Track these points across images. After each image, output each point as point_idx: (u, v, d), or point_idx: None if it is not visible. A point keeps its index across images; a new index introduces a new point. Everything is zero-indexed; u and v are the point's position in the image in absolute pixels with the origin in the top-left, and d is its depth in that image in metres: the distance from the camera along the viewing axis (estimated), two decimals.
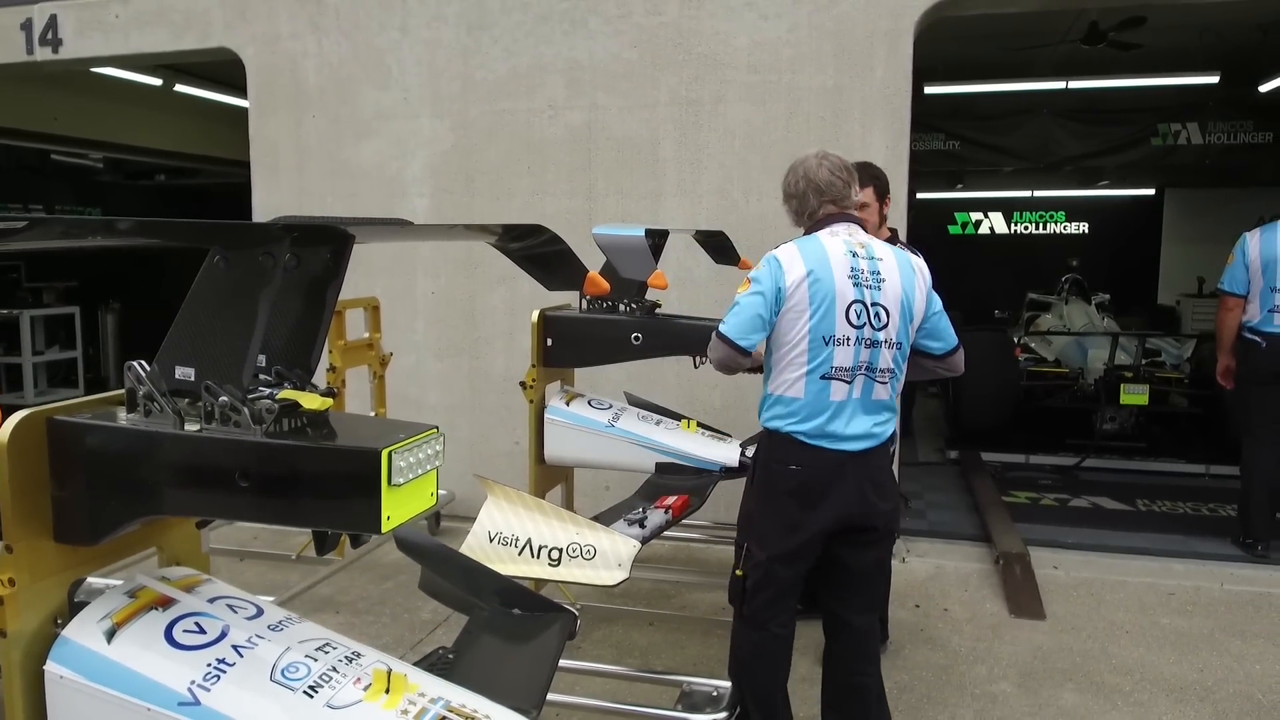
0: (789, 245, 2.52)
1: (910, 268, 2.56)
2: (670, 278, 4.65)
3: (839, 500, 2.50)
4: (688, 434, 3.42)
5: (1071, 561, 4.53)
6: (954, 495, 5.78)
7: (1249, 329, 4.56)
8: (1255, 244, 4.52)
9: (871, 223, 3.19)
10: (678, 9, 4.55)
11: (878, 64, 4.31)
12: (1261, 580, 4.31)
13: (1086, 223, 12.32)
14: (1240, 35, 7.86)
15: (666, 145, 4.65)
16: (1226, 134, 9.00)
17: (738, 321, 2.46)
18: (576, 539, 2.62)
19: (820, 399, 2.46)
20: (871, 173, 3.23)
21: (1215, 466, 6.13)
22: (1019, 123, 9.48)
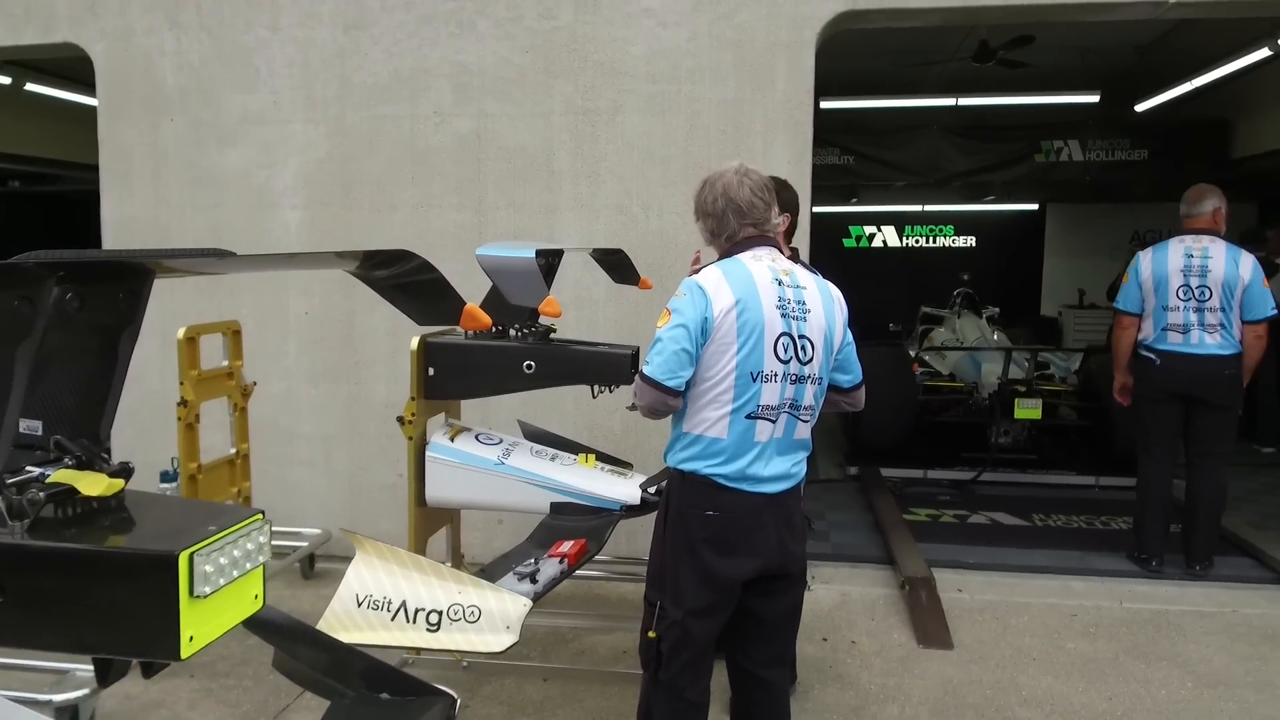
0: (712, 270, 2.30)
1: (830, 297, 2.38)
2: (566, 297, 4.43)
3: (758, 547, 2.29)
4: (586, 470, 3.17)
5: (975, 583, 4.48)
6: (856, 514, 5.70)
7: (1144, 347, 4.60)
8: (1148, 264, 4.57)
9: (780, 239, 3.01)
10: (572, 13, 4.31)
11: (779, 77, 4.17)
12: (1158, 597, 4.34)
13: (975, 236, 12.66)
14: (1119, 56, 8.15)
15: (562, 156, 4.39)
16: (1105, 151, 9.33)
17: (662, 360, 2.21)
18: (459, 599, 2.33)
19: (745, 439, 2.25)
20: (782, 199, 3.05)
21: (1104, 478, 6.25)
22: (910, 138, 9.62)
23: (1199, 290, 4.43)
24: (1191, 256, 4.47)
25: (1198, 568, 4.56)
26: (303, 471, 4.68)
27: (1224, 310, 4.41)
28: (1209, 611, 4.17)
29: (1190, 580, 4.52)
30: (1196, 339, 4.45)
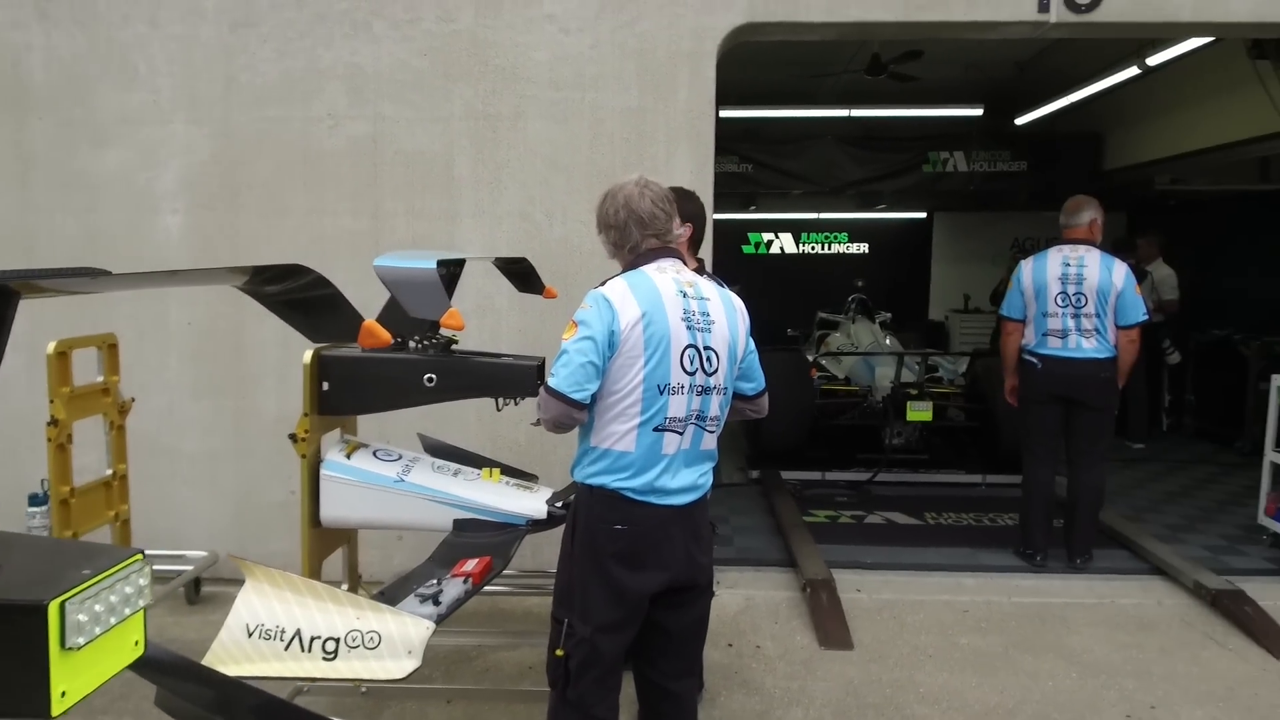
0: (617, 282, 2.28)
1: (733, 307, 2.40)
2: (468, 306, 4.35)
3: (666, 560, 2.29)
4: (490, 484, 3.10)
5: (873, 583, 4.60)
6: (758, 517, 5.78)
7: (1027, 351, 4.82)
8: (1029, 272, 4.79)
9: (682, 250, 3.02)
10: (473, 17, 4.23)
11: (681, 86, 4.20)
12: (1043, 590, 4.54)
13: (867, 244, 13.05)
14: (1001, 72, 8.55)
15: (462, 162, 4.31)
16: (988, 162, 9.76)
17: (568, 373, 2.18)
18: (357, 625, 2.24)
19: (653, 452, 2.24)
20: (687, 209, 3.05)
21: (991, 476, 6.51)
22: (806, 148, 9.85)
23: (1076, 297, 4.67)
24: (1069, 265, 4.70)
25: (1079, 561, 4.80)
26: (187, 491, 4.44)
27: (1099, 316, 4.65)
28: (1090, 603, 4.39)
29: (1072, 573, 4.75)
30: (1074, 344, 4.69)
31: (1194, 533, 5.50)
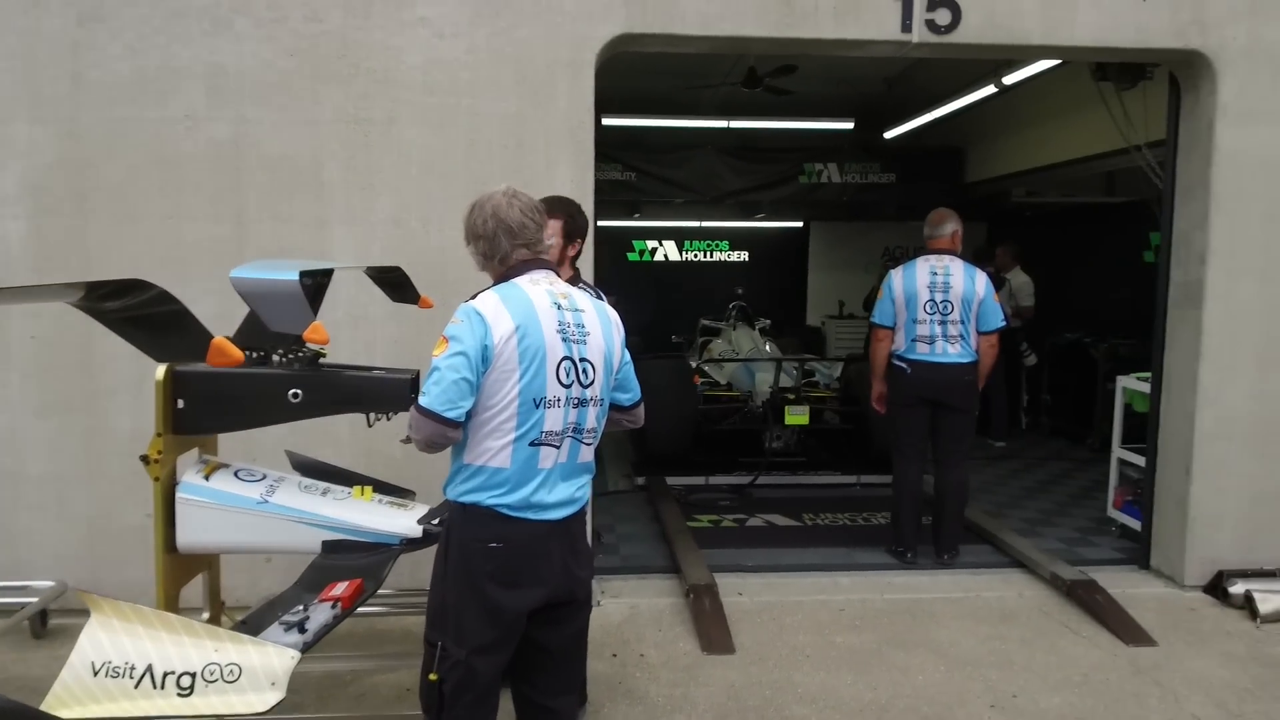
0: (489, 295, 2.23)
1: (608, 319, 2.39)
2: (340, 316, 4.20)
3: (544, 576, 2.25)
4: (361, 503, 2.99)
5: (754, 586, 4.68)
6: (644, 524, 5.80)
7: (897, 357, 5.01)
8: (899, 281, 4.99)
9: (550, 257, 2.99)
10: (342, 17, 4.09)
11: (561, 94, 4.17)
12: (913, 587, 4.72)
13: (748, 252, 13.33)
14: (871, 88, 8.88)
15: (332, 167, 4.15)
16: (859, 174, 10.14)
17: (440, 390, 2.11)
18: (215, 658, 2.12)
19: (529, 467, 2.20)
20: (568, 210, 3.03)
21: (865, 476, 6.74)
22: (688, 157, 10.00)
23: (943, 305, 4.89)
24: (936, 274, 4.93)
25: (946, 557, 5.02)
26: (31, 517, 4.12)
27: (963, 323, 4.89)
28: (957, 597, 4.59)
29: (940, 569, 4.96)
30: (941, 349, 4.91)
31: (1051, 526, 5.84)
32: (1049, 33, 4.26)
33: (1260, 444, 4.59)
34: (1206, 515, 4.63)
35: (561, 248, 3.04)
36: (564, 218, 3.04)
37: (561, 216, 3.02)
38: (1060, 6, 4.24)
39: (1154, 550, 4.92)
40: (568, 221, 3.05)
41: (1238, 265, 4.46)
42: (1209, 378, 4.53)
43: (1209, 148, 4.43)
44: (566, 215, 3.05)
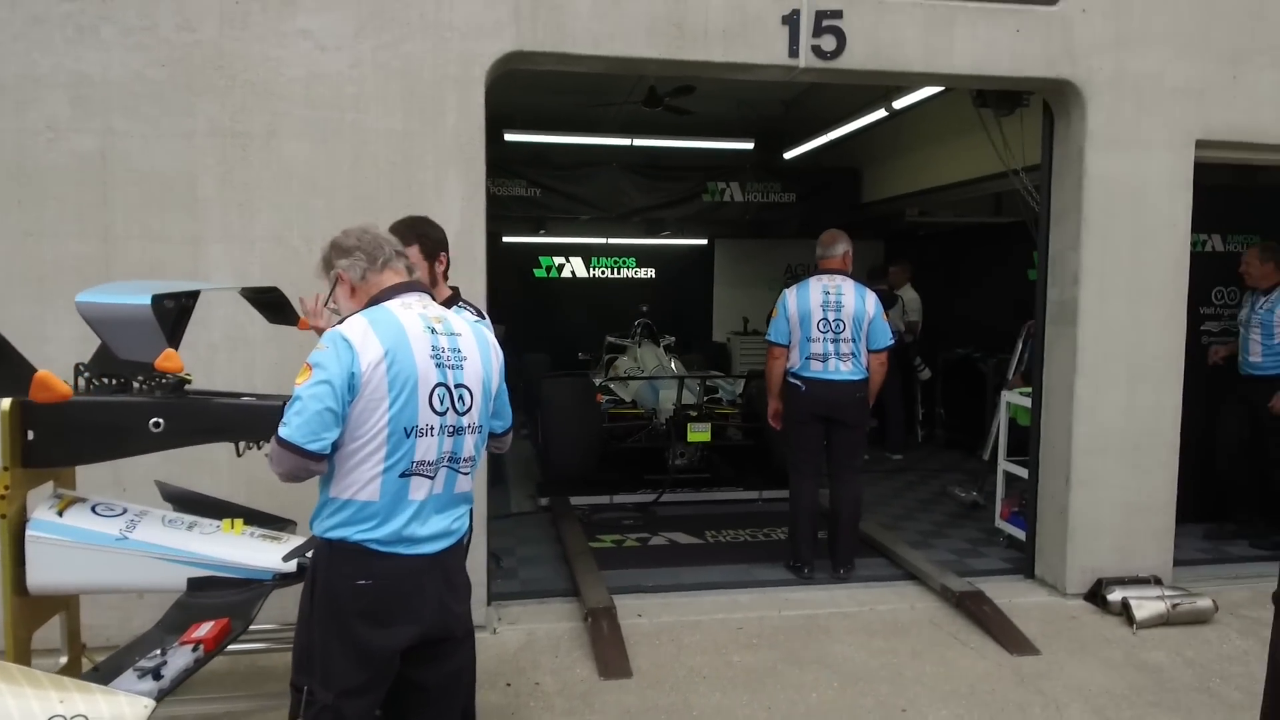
0: (357, 320, 2.14)
1: (486, 342, 2.32)
2: (217, 337, 4.02)
3: (417, 613, 2.16)
4: (231, 536, 2.83)
5: (653, 607, 4.65)
6: (546, 546, 5.72)
7: (792, 374, 5.08)
8: (794, 300, 5.06)
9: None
10: (217, 28, 3.92)
11: (450, 110, 4.09)
12: (810, 602, 4.77)
13: (654, 268, 13.38)
14: (770, 109, 9.05)
15: (208, 182, 3.97)
16: (761, 193, 10.30)
17: (302, 421, 2.01)
18: (60, 709, 1.95)
19: (399, 499, 2.11)
20: (418, 230, 2.93)
21: (767, 492, 6.80)
22: (592, 174, 9.99)
23: (835, 324, 4.98)
24: (828, 294, 5.02)
25: (842, 571, 5.09)
26: None
27: (854, 341, 4.99)
28: (851, 611, 4.65)
29: (836, 584, 5.03)
30: (833, 367, 5.00)
31: (943, 538, 5.99)
32: (929, 60, 4.40)
33: (1132, 456, 4.80)
34: (1086, 525, 4.82)
35: (428, 269, 2.95)
36: (418, 240, 2.93)
37: (415, 240, 2.92)
38: (939, 35, 4.39)
39: (1038, 560, 5.09)
40: (423, 243, 2.94)
41: (1108, 285, 4.68)
42: (1084, 392, 4.73)
43: (1080, 173, 4.64)
44: (420, 236, 2.93)
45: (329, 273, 2.29)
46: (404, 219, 2.98)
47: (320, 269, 2.32)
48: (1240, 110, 4.74)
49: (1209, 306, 5.92)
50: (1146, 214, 4.69)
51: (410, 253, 2.84)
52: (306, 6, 3.93)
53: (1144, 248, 4.70)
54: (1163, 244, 4.72)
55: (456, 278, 3.85)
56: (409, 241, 2.87)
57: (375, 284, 2.24)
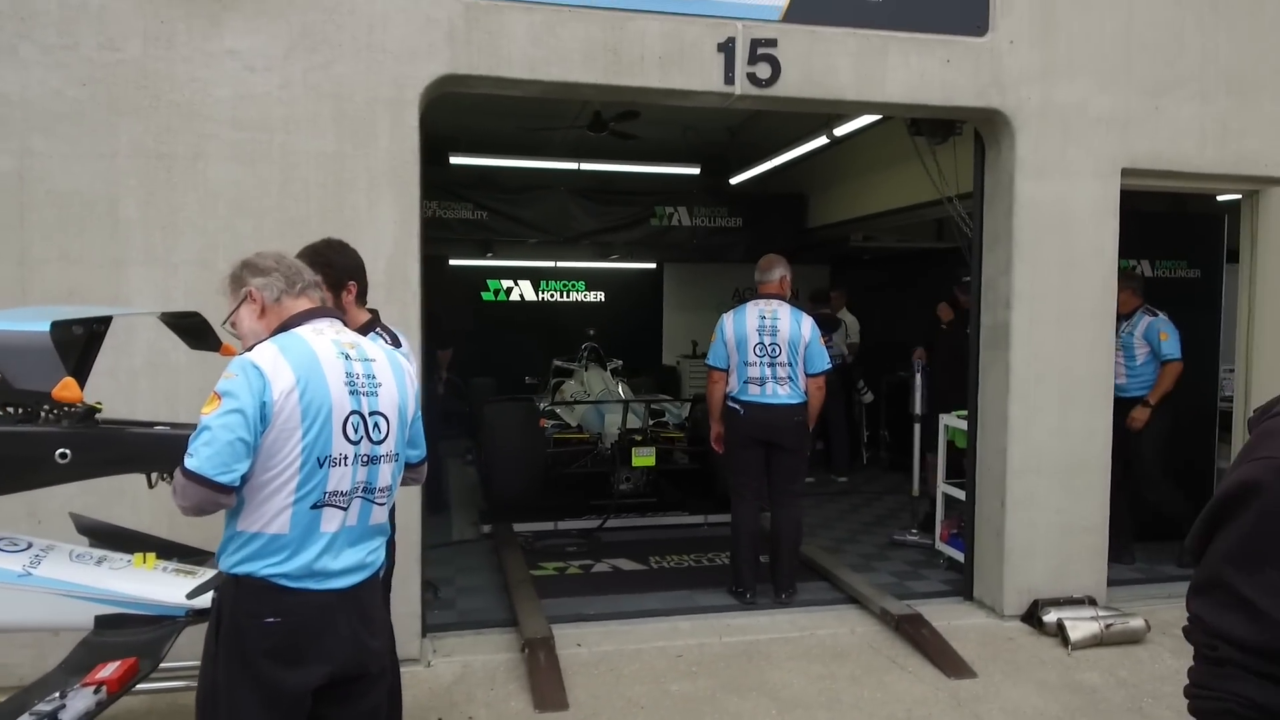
0: (267, 347, 2.07)
1: (401, 368, 2.27)
2: (139, 363, 3.90)
3: (330, 651, 2.08)
4: (142, 571, 2.73)
5: (594, 635, 4.58)
6: (486, 575, 5.62)
7: (731, 399, 5.08)
8: (730, 325, 5.08)
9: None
10: (141, 47, 3.83)
11: (383, 132, 4.04)
12: (751, 628, 4.74)
13: (603, 292, 13.39)
14: (715, 135, 9.13)
15: (130, 204, 3.87)
16: (708, 218, 10.37)
17: (213, 452, 1.92)
18: None
19: (311, 532, 2.04)
20: (323, 259, 2.86)
21: (712, 516, 6.78)
22: (540, 198, 9.98)
23: (771, 348, 5.01)
24: (764, 318, 5.05)
25: (784, 595, 5.07)
26: None
27: (791, 365, 5.02)
28: (792, 636, 4.63)
29: (778, 608, 5.01)
30: (771, 391, 5.01)
31: (885, 560, 6.02)
32: (862, 89, 4.47)
33: (1065, 477, 4.88)
34: (1021, 546, 4.87)
35: (333, 300, 2.89)
36: (321, 270, 2.86)
37: (318, 269, 2.85)
38: (872, 65, 4.46)
39: (976, 581, 5.13)
40: (327, 273, 2.88)
41: (1039, 309, 4.77)
42: (1018, 415, 4.80)
43: (1010, 200, 4.74)
44: (323, 267, 2.86)
45: (237, 290, 2.22)
46: (309, 246, 2.91)
47: (226, 285, 2.25)
48: (1163, 140, 4.89)
49: None
50: (1075, 240, 4.79)
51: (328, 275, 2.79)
52: (234, 27, 3.87)
53: (1073, 273, 4.80)
54: (1091, 269, 4.83)
55: (389, 301, 3.80)
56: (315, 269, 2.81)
57: (288, 308, 2.18)
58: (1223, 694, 1.10)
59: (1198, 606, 1.16)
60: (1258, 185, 5.14)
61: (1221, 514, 1.16)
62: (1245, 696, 1.09)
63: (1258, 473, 1.12)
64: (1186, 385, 5.99)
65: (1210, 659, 1.13)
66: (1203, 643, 1.15)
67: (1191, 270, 6.25)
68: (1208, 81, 4.91)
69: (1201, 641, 1.15)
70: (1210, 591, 1.14)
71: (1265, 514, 1.10)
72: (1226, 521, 1.14)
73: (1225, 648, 1.10)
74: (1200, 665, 1.16)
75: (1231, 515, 1.14)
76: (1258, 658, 1.08)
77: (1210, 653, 1.13)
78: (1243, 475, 1.14)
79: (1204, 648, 1.14)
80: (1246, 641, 1.09)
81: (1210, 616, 1.13)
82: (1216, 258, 6.30)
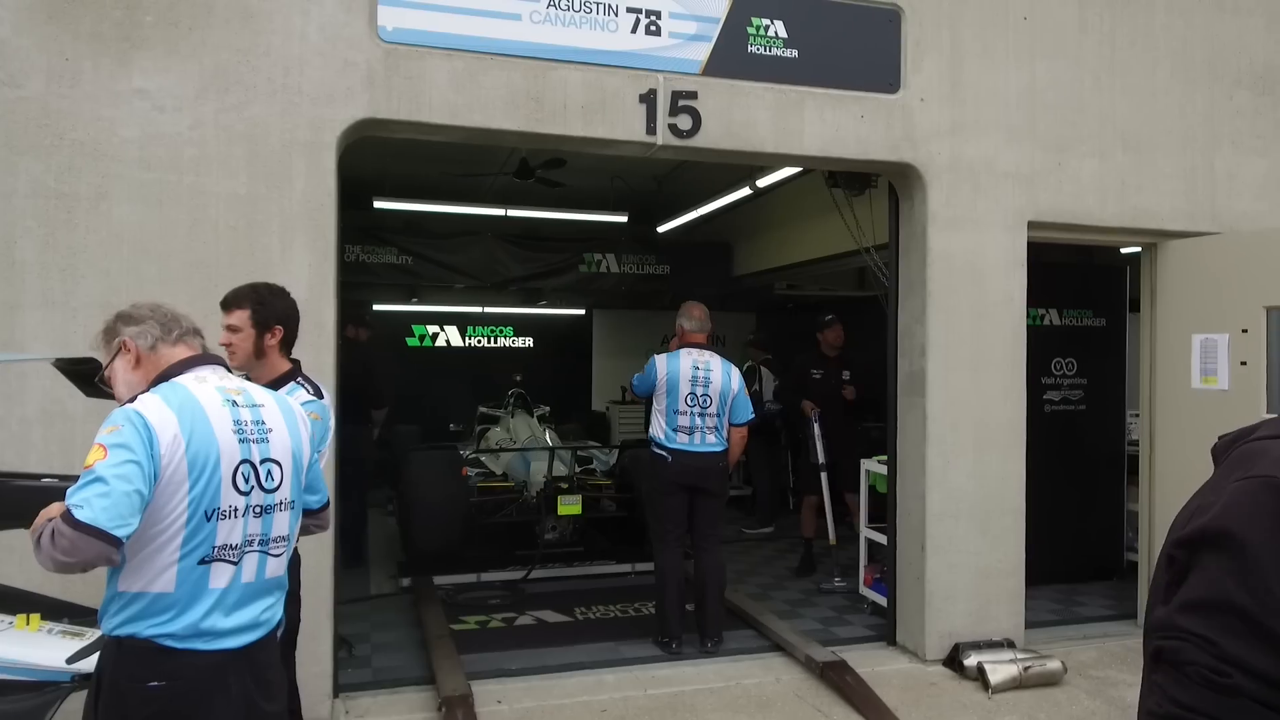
0: (149, 398, 1.97)
1: (292, 412, 2.18)
2: (33, 412, 3.70)
3: (219, 716, 1.96)
4: (23, 634, 2.55)
5: (515, 691, 4.45)
6: (404, 631, 5.43)
7: (657, 445, 5.07)
8: (664, 367, 5.11)
9: (243, 350, 2.75)
10: (44, 84, 3.70)
11: (298, 176, 3.96)
12: (677, 679, 4.66)
13: (532, 337, 13.32)
14: (642, 185, 9.23)
15: (28, 245, 3.70)
16: (636, 265, 10.45)
17: (110, 503, 1.80)
18: None
19: (198, 589, 1.93)
20: (257, 295, 2.79)
21: (640, 565, 6.70)
22: (467, 243, 9.94)
23: (703, 399, 5.04)
24: (698, 369, 5.08)
25: (710, 644, 5.02)
26: None
27: (719, 415, 5.06)
28: (718, 687, 4.57)
29: (704, 658, 4.94)
30: (699, 439, 5.03)
31: (811, 605, 6.02)
32: (780, 142, 4.57)
33: (982, 521, 4.97)
34: (942, 590, 4.92)
35: (255, 338, 2.80)
36: (250, 306, 2.79)
37: (248, 305, 2.78)
38: (790, 118, 4.57)
39: (899, 626, 5.16)
40: (256, 309, 2.80)
41: (952, 357, 4.89)
42: (935, 460, 4.88)
43: (924, 250, 4.87)
44: (254, 303, 2.80)
45: (109, 342, 2.12)
46: (246, 286, 2.83)
47: (99, 339, 2.15)
48: (1066, 194, 5.11)
49: (1049, 376, 6.27)
50: (986, 289, 4.95)
51: (238, 316, 2.71)
52: (144, 67, 3.77)
53: (984, 321, 4.95)
54: (1001, 318, 4.98)
55: (303, 347, 3.69)
56: (241, 304, 2.73)
57: (166, 357, 2.09)
58: None
59: (1201, 626, 1.05)
60: (1154, 238, 5.39)
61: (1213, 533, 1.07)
62: None
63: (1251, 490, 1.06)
64: (1095, 429, 6.21)
65: (1218, 686, 1.02)
66: (1209, 666, 1.03)
67: (1097, 319, 6.51)
68: (1106, 140, 5.17)
69: (1207, 665, 1.03)
70: (1217, 614, 1.04)
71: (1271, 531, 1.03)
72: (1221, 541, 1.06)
73: (1241, 677, 1.01)
74: (1197, 689, 1.04)
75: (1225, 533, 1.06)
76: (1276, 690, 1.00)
77: (1219, 679, 1.02)
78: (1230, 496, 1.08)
79: (1210, 672, 1.03)
80: (1269, 674, 1.00)
81: (1224, 641, 1.03)
82: (1120, 307, 6.58)
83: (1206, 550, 1.08)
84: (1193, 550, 1.10)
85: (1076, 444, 6.02)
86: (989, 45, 4.95)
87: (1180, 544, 1.12)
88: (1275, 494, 1.04)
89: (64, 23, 3.71)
